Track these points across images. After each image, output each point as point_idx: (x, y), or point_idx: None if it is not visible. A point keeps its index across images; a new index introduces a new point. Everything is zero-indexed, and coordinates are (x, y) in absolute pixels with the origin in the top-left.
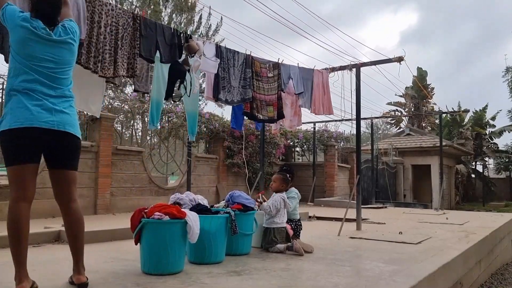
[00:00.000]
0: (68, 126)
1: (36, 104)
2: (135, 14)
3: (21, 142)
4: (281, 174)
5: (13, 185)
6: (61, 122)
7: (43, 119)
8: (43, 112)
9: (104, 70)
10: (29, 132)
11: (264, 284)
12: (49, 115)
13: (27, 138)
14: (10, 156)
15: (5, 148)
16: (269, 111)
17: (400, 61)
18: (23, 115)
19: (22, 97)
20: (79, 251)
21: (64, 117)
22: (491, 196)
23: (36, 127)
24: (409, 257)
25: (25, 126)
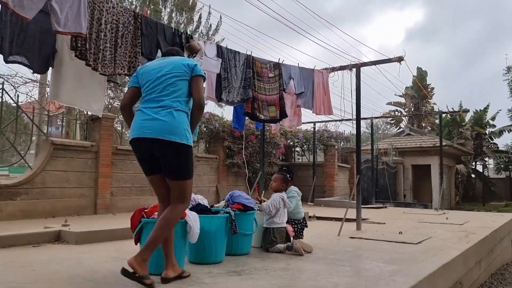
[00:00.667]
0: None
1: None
2: (136, 12)
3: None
4: (280, 173)
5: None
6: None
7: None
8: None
9: (105, 67)
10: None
11: (264, 284)
12: None
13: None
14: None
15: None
16: (271, 111)
17: (400, 61)
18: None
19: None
20: (150, 243)
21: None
22: (491, 196)
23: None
24: (409, 257)
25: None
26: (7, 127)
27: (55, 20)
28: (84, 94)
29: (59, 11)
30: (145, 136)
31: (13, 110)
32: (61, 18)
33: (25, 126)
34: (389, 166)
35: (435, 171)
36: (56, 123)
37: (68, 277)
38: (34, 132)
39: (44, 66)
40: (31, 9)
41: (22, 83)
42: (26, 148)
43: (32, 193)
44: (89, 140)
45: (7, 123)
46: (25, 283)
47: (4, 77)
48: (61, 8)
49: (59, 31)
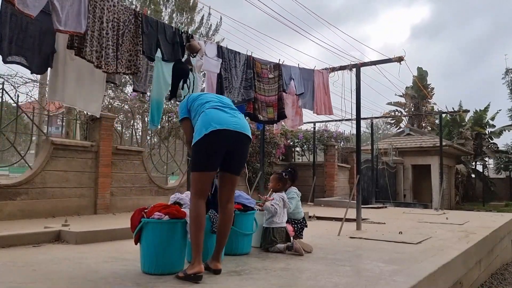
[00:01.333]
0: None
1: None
2: (136, 11)
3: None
4: (277, 173)
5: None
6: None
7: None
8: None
9: (108, 65)
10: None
11: (264, 284)
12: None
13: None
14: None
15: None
16: (269, 112)
17: (400, 61)
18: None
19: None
20: (223, 243)
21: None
22: (491, 196)
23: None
24: (409, 257)
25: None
26: (7, 127)
27: (56, 19)
28: (83, 94)
29: (60, 9)
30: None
31: (13, 110)
32: (62, 16)
33: (25, 126)
34: (389, 166)
35: (435, 171)
36: (56, 123)
37: (68, 277)
38: (34, 132)
39: (43, 66)
40: (34, 7)
41: (22, 83)
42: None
43: (32, 193)
44: (89, 140)
45: (7, 123)
46: (25, 283)
47: (4, 77)
48: (62, 7)
49: (59, 30)
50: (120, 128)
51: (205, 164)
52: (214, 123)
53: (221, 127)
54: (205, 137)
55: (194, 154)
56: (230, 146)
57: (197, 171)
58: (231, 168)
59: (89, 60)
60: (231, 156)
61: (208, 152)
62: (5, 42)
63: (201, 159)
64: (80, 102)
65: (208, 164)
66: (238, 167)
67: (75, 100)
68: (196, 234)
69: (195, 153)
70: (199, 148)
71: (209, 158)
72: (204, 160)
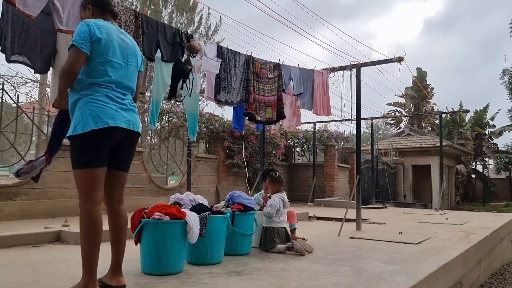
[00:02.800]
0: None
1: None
2: (136, 11)
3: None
4: (267, 178)
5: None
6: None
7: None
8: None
9: None
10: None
11: (264, 284)
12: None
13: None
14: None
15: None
16: (267, 113)
17: (400, 61)
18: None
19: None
20: (122, 252)
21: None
22: (491, 196)
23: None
24: (409, 257)
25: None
26: (7, 127)
27: (57, 19)
28: None
29: (61, 9)
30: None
31: (13, 110)
32: (63, 16)
33: (25, 126)
34: (389, 166)
35: (435, 171)
36: None
37: (68, 277)
38: (34, 132)
39: (45, 66)
40: (35, 7)
41: (22, 83)
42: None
43: (32, 193)
44: None
45: (7, 124)
46: (25, 283)
47: (4, 78)
48: (63, 7)
49: (61, 30)
50: None
51: (91, 158)
52: (106, 118)
53: (114, 124)
54: (92, 132)
55: (76, 146)
56: (118, 142)
57: (82, 168)
58: (120, 164)
59: None
60: (119, 152)
61: (95, 146)
62: (7, 41)
63: (85, 153)
64: None
65: (95, 158)
66: (127, 163)
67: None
68: (90, 248)
69: (77, 145)
70: (82, 141)
71: (96, 151)
72: (89, 154)
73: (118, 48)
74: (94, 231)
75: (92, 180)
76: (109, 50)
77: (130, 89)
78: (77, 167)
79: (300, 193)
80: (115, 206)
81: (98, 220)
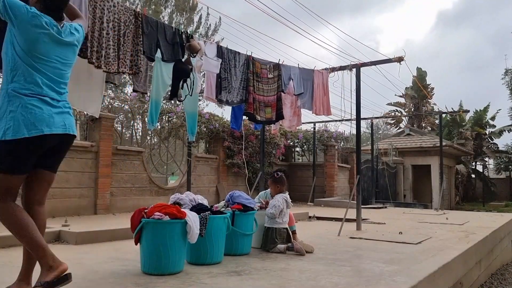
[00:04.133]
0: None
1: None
2: (136, 11)
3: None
4: (270, 178)
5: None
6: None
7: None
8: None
9: (108, 65)
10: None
11: (264, 284)
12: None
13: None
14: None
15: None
16: (267, 112)
17: (400, 61)
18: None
19: (32, 101)
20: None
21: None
22: (491, 196)
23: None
24: (409, 257)
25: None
26: None
27: None
28: (82, 95)
29: None
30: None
31: None
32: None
33: None
34: (389, 166)
35: (435, 171)
36: None
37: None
38: None
39: None
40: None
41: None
42: None
43: None
44: (89, 140)
45: None
46: None
47: None
48: None
49: None
50: (120, 128)
51: (18, 166)
52: (41, 126)
53: (49, 131)
54: (24, 140)
55: (2, 151)
56: (53, 146)
57: (6, 173)
58: (50, 165)
59: (90, 61)
60: (50, 154)
61: (26, 155)
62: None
63: (13, 159)
64: (79, 102)
65: (23, 166)
66: (57, 164)
67: (75, 101)
68: (31, 237)
69: (3, 150)
70: (12, 148)
71: (26, 160)
72: (17, 161)
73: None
74: (15, 223)
75: (9, 185)
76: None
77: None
78: None
79: (300, 193)
80: (35, 207)
81: (12, 211)
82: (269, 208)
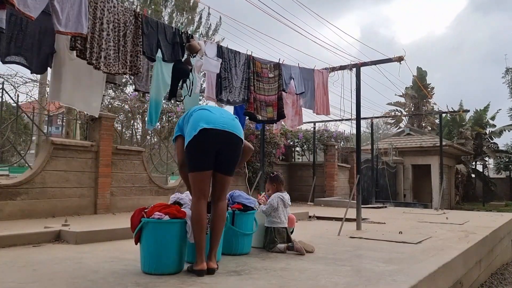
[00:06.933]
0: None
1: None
2: (136, 12)
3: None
4: (267, 180)
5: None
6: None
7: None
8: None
9: (109, 66)
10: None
11: (264, 284)
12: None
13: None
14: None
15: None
16: (268, 112)
17: (400, 61)
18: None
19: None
20: (217, 242)
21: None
22: (491, 196)
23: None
24: (409, 256)
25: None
26: (7, 127)
27: (56, 20)
28: (82, 95)
29: (60, 11)
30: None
31: (13, 110)
32: (62, 18)
33: (25, 126)
34: (389, 166)
35: (435, 171)
36: (56, 123)
37: (68, 277)
38: (34, 132)
39: (43, 66)
40: (35, 8)
41: (22, 83)
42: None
43: (32, 193)
44: (89, 140)
45: (7, 123)
46: (25, 283)
47: (4, 77)
48: (62, 8)
49: (60, 31)
50: (120, 128)
51: (198, 164)
52: (203, 123)
53: (209, 126)
54: (194, 138)
55: (188, 155)
56: (219, 145)
57: (193, 172)
58: (221, 168)
59: (89, 62)
60: (221, 156)
61: (200, 152)
62: (2, 43)
63: (194, 159)
64: (80, 102)
65: (201, 164)
66: (228, 167)
67: (75, 100)
68: (198, 234)
69: (188, 154)
70: (191, 149)
71: (202, 157)
72: (197, 160)
73: None
74: (196, 221)
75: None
76: None
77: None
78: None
79: (300, 193)
80: (215, 202)
81: (199, 212)
82: (263, 206)
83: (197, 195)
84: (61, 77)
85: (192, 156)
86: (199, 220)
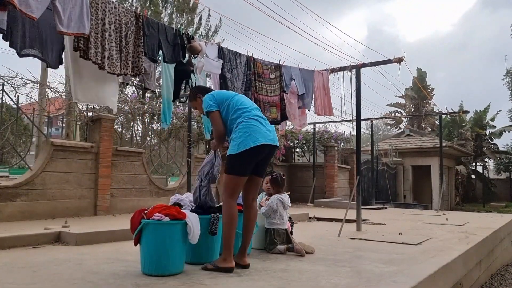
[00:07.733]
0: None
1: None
2: (137, 13)
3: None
4: (270, 178)
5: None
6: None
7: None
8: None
9: (112, 66)
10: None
11: (264, 285)
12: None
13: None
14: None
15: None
16: (272, 112)
17: (400, 62)
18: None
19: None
20: (249, 239)
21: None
22: (491, 196)
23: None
24: (409, 257)
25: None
26: (7, 128)
27: (58, 21)
28: (100, 90)
29: (62, 11)
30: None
31: (13, 111)
32: (64, 19)
33: (25, 127)
34: (389, 167)
35: (435, 172)
36: (56, 124)
37: (68, 278)
38: (34, 133)
39: (58, 61)
40: (37, 9)
41: (22, 84)
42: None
43: (32, 194)
44: (89, 141)
45: (7, 124)
46: (25, 284)
47: (4, 78)
48: (64, 9)
49: (62, 32)
50: (120, 129)
51: (242, 169)
52: (261, 138)
53: (266, 142)
54: (251, 149)
55: (236, 160)
56: (265, 155)
57: (236, 175)
58: (259, 171)
59: (94, 62)
60: (261, 162)
61: (249, 161)
62: (17, 36)
63: (240, 165)
64: (100, 98)
65: (246, 170)
66: (263, 170)
67: (95, 96)
68: (229, 232)
69: (237, 159)
70: (242, 157)
71: (247, 165)
72: (242, 166)
73: None
74: (231, 219)
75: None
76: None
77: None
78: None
79: (300, 194)
80: (250, 203)
81: (233, 211)
82: (262, 208)
83: (230, 195)
84: (83, 76)
85: (240, 162)
86: (233, 219)
